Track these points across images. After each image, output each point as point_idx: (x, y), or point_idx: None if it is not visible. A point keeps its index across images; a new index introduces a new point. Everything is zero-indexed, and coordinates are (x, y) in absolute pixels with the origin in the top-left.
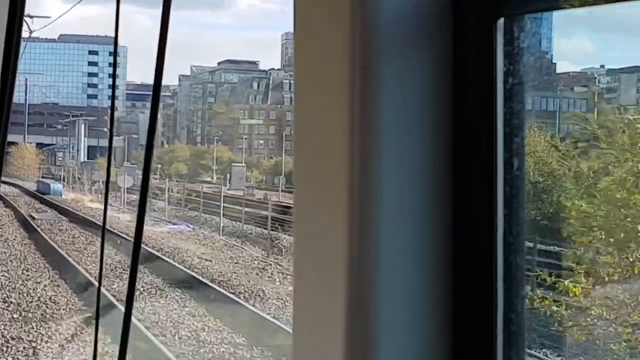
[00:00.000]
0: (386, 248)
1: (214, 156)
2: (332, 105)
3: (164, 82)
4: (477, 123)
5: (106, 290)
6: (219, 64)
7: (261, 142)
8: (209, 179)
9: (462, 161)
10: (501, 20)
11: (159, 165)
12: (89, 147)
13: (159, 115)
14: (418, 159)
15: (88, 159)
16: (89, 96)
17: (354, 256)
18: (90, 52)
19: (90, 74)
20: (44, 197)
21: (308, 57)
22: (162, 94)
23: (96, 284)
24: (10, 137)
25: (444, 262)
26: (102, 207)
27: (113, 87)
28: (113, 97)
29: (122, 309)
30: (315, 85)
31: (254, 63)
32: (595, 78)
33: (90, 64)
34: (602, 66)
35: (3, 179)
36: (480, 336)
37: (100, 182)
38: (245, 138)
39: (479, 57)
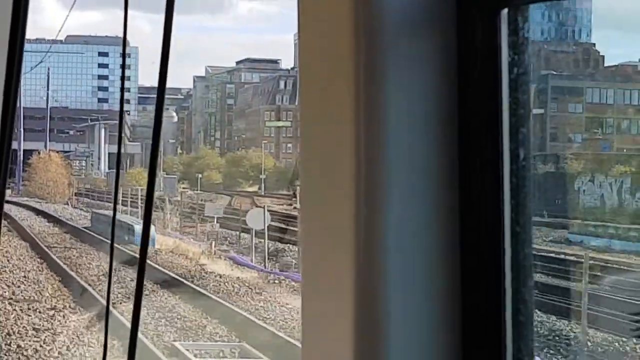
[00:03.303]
0: (394, 243)
1: (261, 163)
2: (338, 99)
3: (177, 84)
4: (482, 114)
5: None
6: (237, 63)
7: (289, 145)
8: (251, 190)
9: (468, 152)
10: (505, 11)
11: (199, 175)
12: (109, 154)
13: (175, 119)
14: (424, 151)
15: (110, 168)
16: (99, 100)
17: (362, 255)
18: (100, 54)
19: (101, 77)
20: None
21: (313, 56)
22: (175, 96)
23: None
24: (27, 145)
25: (451, 254)
26: (245, 275)
27: (122, 88)
28: (122, 99)
29: None
30: (320, 82)
31: (276, 62)
32: None
33: (101, 66)
34: None
35: (24, 200)
36: (488, 327)
37: (216, 221)
38: (289, 142)
39: (484, 48)
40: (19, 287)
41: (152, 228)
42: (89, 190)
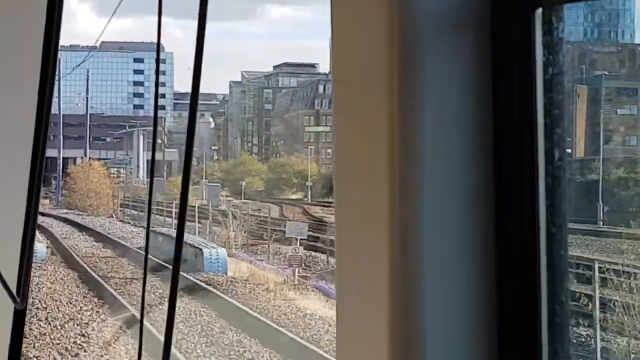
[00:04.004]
0: (429, 246)
1: (304, 169)
2: (373, 102)
3: (212, 90)
4: (517, 114)
5: None
6: (274, 67)
7: (329, 151)
8: (295, 197)
9: (504, 153)
10: (539, 10)
11: (243, 183)
12: (147, 161)
13: (212, 125)
14: (460, 152)
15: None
16: (135, 106)
17: (398, 257)
18: (135, 60)
19: (136, 83)
20: (186, 274)
21: (347, 59)
22: (210, 102)
23: None
24: (64, 152)
25: (487, 256)
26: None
27: (156, 93)
28: (156, 107)
29: None
30: (355, 86)
31: (313, 66)
32: None
33: (136, 72)
34: None
35: (63, 212)
36: (524, 327)
37: (298, 242)
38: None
39: (518, 48)
40: (76, 355)
41: (224, 251)
42: (132, 200)
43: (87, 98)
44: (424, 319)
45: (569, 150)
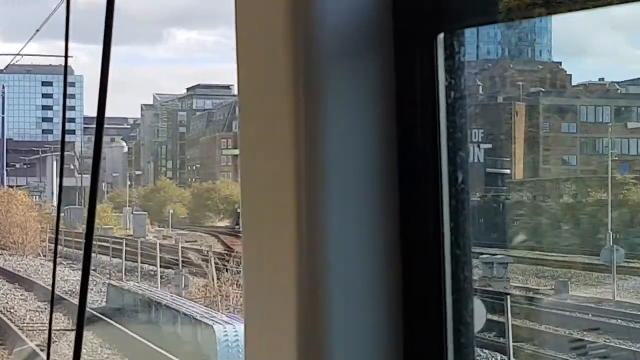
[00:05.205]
0: (335, 267)
1: (230, 194)
2: (277, 126)
3: (122, 114)
4: (421, 137)
5: None
6: (188, 89)
7: None
8: (222, 225)
9: (408, 175)
10: (441, 35)
11: (170, 210)
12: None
13: (125, 149)
14: (364, 175)
15: (66, 203)
16: (44, 131)
17: (304, 280)
18: (43, 84)
19: (45, 107)
20: None
21: (251, 81)
22: (121, 126)
23: None
24: None
25: (392, 278)
26: None
27: (63, 117)
28: (63, 131)
29: None
30: (259, 110)
31: (229, 87)
32: (617, 90)
33: (45, 96)
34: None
35: None
36: (430, 349)
37: None
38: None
39: (421, 73)
40: None
41: (242, 328)
42: (64, 234)
43: (2, 118)
44: (331, 338)
45: (507, 171)
